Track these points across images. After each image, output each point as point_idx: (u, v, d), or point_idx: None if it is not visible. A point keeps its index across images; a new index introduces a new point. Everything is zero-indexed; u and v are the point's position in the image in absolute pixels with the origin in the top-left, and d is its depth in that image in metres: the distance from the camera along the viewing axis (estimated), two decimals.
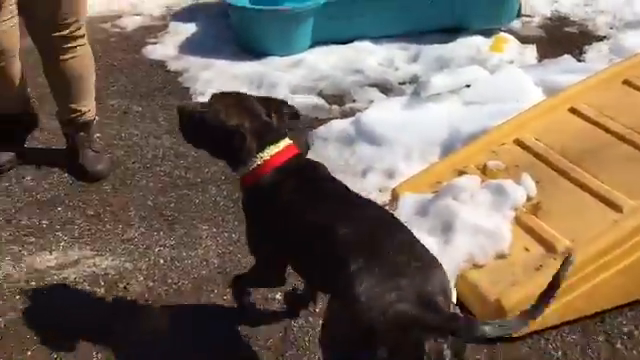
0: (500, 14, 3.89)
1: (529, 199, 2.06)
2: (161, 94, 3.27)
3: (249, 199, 1.67)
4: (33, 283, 2.03)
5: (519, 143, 2.29)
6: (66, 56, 2.33)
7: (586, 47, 3.86)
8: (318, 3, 3.51)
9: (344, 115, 3.06)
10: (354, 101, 3.24)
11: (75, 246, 2.19)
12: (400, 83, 3.41)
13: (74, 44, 2.33)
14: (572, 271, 1.36)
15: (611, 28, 4.18)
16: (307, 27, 3.59)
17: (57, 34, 2.27)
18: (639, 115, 2.22)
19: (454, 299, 1.77)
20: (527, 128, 2.34)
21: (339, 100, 3.24)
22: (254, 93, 3.12)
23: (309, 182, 1.59)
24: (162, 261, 2.12)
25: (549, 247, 1.88)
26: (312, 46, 3.68)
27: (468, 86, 3.07)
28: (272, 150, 1.60)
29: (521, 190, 2.06)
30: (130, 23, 4.13)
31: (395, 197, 2.28)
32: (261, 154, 1.59)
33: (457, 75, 3.10)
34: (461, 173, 2.26)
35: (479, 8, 3.78)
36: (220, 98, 1.67)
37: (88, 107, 2.50)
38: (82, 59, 2.37)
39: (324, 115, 3.10)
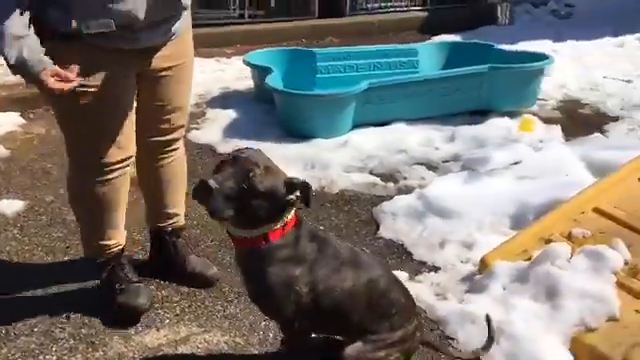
0: (524, 97, 4.17)
1: (626, 263, 2.16)
2: None
3: (269, 256, 1.66)
4: None
5: (599, 211, 2.43)
6: (167, 160, 2.28)
7: (605, 126, 4.14)
8: (360, 89, 3.71)
9: (400, 192, 3.18)
10: (405, 178, 3.36)
11: (181, 323, 2.17)
12: (444, 161, 3.57)
13: (176, 146, 2.29)
14: None
15: (622, 109, 4.50)
16: (350, 110, 3.76)
17: (160, 139, 2.23)
18: None
19: None
20: (603, 198, 2.48)
21: (391, 178, 3.36)
22: (309, 173, 3.35)
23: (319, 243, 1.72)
24: (271, 335, 2.11)
25: None
26: (352, 129, 3.84)
27: (516, 163, 3.24)
28: (290, 213, 1.67)
29: (617, 254, 2.17)
30: None
31: (485, 265, 2.36)
32: (286, 215, 1.65)
33: (506, 152, 3.29)
34: (548, 241, 2.37)
35: (506, 92, 4.04)
36: (258, 158, 1.64)
37: (183, 210, 2.44)
38: (182, 160, 2.35)
39: (381, 192, 3.20)
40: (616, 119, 4.31)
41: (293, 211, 1.66)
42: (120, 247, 2.24)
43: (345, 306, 1.72)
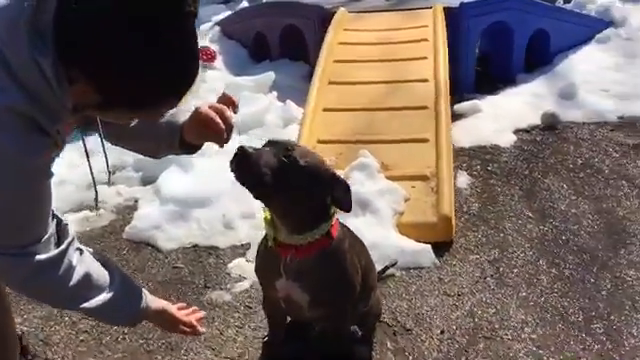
0: None
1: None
2: None
3: (340, 250, 1.68)
4: None
5: (323, 141, 3.04)
6: None
7: None
8: None
9: (120, 212, 3.02)
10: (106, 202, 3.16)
11: None
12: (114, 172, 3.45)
13: None
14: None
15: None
16: None
17: None
18: (365, 96, 3.29)
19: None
20: (315, 132, 3.09)
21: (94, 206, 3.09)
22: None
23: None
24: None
25: (424, 178, 2.79)
26: None
27: None
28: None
29: (371, 160, 2.86)
30: None
31: None
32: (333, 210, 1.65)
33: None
34: None
35: None
36: (303, 148, 1.61)
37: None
38: None
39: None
40: None
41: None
42: None
43: (370, 273, 1.93)
